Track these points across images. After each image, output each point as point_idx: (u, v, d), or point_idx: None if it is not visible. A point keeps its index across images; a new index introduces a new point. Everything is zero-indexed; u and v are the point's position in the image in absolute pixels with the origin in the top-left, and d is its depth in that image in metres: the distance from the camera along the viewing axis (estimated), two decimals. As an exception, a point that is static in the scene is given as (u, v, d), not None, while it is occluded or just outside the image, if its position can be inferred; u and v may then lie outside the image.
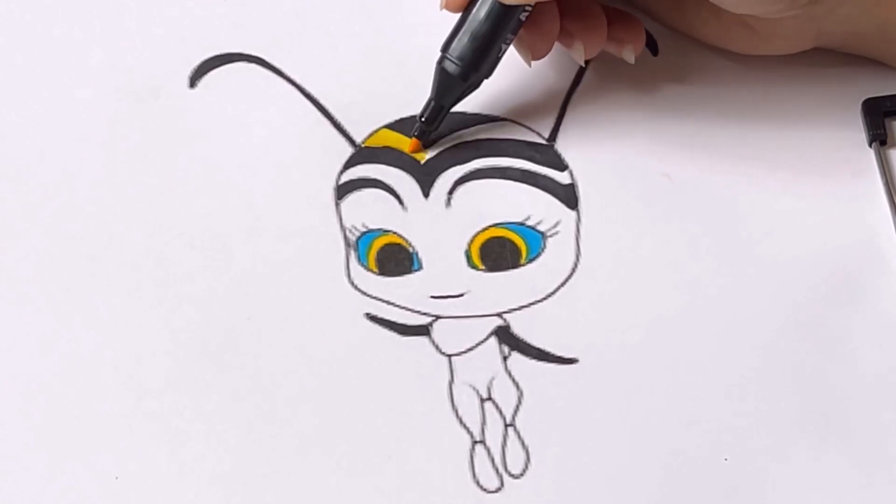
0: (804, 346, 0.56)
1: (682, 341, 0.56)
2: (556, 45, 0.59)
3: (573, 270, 0.58)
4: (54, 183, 0.60)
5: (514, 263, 0.58)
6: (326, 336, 0.56)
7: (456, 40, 0.58)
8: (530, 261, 0.58)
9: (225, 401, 0.55)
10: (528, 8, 0.57)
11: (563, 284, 0.57)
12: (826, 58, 0.61)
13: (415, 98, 0.60)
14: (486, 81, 0.59)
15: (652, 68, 0.62)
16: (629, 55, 0.60)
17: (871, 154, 0.60)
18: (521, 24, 0.57)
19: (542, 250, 0.58)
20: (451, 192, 0.59)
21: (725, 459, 0.54)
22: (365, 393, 0.55)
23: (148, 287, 0.57)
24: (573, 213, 0.59)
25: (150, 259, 0.58)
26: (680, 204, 0.59)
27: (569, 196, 0.59)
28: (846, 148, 0.60)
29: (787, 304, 0.57)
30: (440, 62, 0.58)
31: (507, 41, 0.58)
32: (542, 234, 0.58)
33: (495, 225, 0.58)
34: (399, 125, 0.60)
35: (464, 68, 0.58)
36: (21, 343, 0.56)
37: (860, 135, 0.60)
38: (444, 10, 0.58)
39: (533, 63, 0.59)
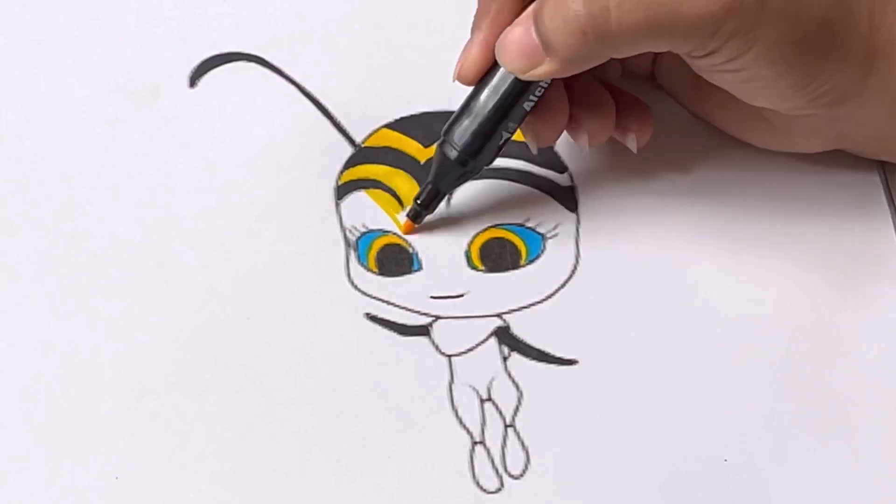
0: (804, 347, 0.56)
1: (681, 342, 0.56)
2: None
3: (573, 272, 0.58)
4: (54, 183, 0.60)
5: (514, 264, 0.58)
6: (326, 336, 0.56)
7: (458, 125, 0.55)
8: (530, 262, 0.58)
9: (225, 401, 0.55)
10: (534, 98, 0.54)
11: (563, 286, 0.57)
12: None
13: (415, 98, 0.61)
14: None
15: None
16: (632, 144, 0.57)
17: (871, 154, 0.60)
18: (526, 113, 0.55)
19: (542, 252, 0.58)
20: (450, 193, 0.59)
21: (725, 460, 0.54)
22: (365, 393, 0.55)
23: (148, 287, 0.57)
24: (573, 216, 0.59)
25: (150, 259, 0.58)
26: (680, 205, 0.59)
27: (568, 198, 0.59)
28: (846, 148, 0.60)
29: (786, 305, 0.57)
30: (441, 145, 0.56)
31: (511, 130, 0.55)
32: (542, 235, 0.58)
33: (495, 226, 0.58)
34: (399, 125, 0.60)
35: (464, 155, 0.55)
36: (21, 343, 0.56)
37: (860, 135, 0.60)
38: (457, 81, 0.55)
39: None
